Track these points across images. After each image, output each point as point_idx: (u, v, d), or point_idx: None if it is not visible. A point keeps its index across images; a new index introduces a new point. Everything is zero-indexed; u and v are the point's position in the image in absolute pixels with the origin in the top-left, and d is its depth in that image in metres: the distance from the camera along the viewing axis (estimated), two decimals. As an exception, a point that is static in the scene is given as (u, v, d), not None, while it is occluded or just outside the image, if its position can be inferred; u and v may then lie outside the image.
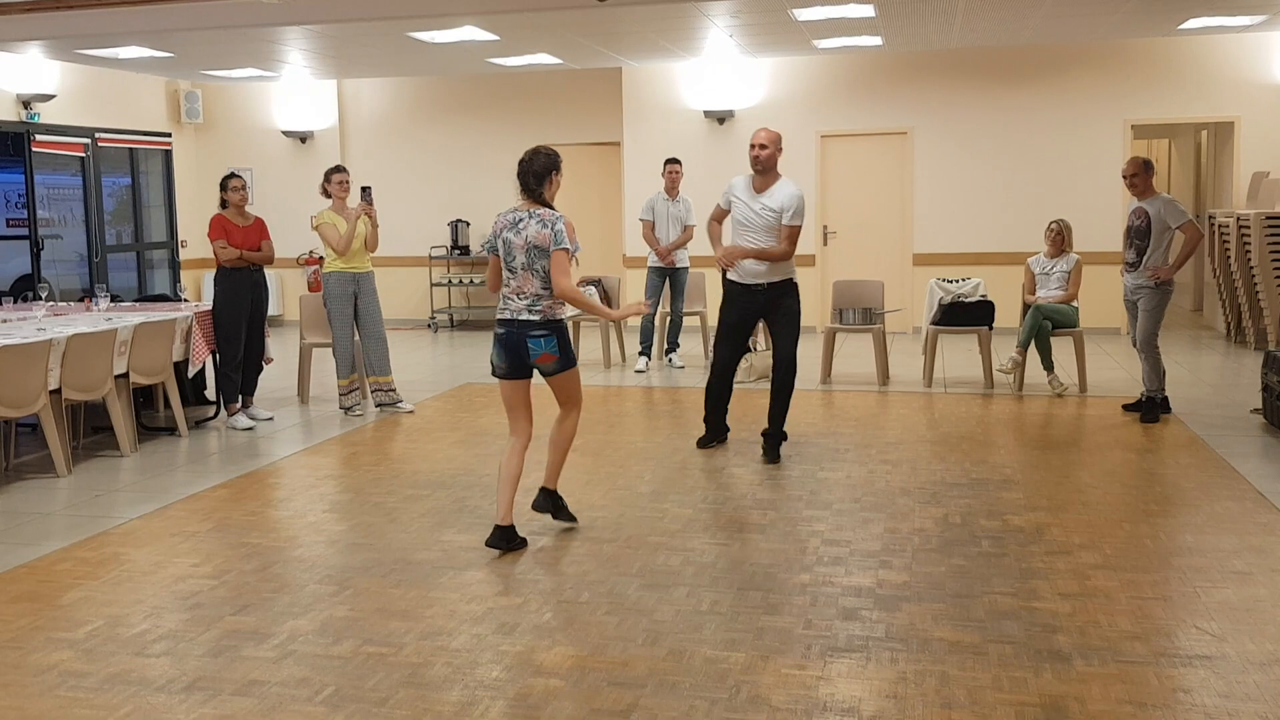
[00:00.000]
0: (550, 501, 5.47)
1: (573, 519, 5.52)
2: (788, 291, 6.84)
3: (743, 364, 9.66)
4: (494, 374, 5.24)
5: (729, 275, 6.91)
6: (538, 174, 5.10)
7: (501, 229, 5.12)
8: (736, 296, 6.90)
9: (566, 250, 5.01)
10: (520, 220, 5.09)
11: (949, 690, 3.59)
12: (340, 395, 8.53)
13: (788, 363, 6.89)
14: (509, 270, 5.11)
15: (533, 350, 5.08)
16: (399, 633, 4.16)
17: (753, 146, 6.75)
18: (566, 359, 5.16)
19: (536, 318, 5.06)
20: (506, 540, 5.13)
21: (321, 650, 4.00)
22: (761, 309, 6.90)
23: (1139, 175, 7.80)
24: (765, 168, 6.76)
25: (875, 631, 4.09)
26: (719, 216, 7.14)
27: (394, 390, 8.61)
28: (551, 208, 5.12)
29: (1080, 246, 9.65)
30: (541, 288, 5.05)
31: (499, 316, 5.15)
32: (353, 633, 4.17)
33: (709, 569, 4.82)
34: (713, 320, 11.08)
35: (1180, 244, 7.77)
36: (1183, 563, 4.82)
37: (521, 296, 5.08)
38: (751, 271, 6.78)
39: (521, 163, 5.12)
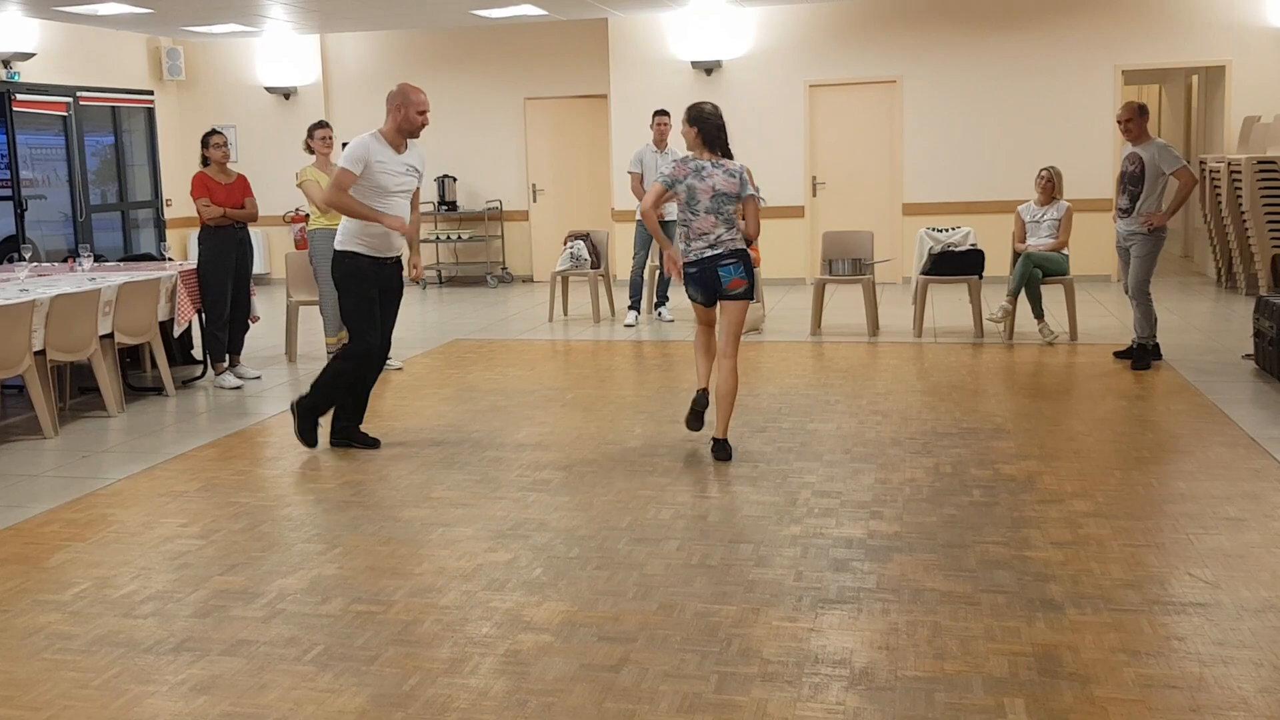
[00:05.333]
0: (724, 450, 5.84)
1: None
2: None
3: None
4: (697, 303, 5.88)
5: (373, 253, 6.04)
6: (721, 126, 5.77)
7: (685, 175, 5.70)
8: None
9: (754, 197, 5.76)
10: (704, 169, 5.68)
11: (941, 641, 3.58)
12: (329, 353, 8.47)
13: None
14: (691, 212, 5.69)
15: (724, 278, 5.67)
16: (388, 590, 4.13)
17: (424, 112, 6.00)
18: (752, 286, 5.79)
19: (722, 250, 5.67)
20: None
21: (310, 609, 3.98)
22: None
23: (1134, 120, 7.73)
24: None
25: (866, 583, 4.08)
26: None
27: None
28: (731, 156, 5.79)
29: (1071, 194, 9.60)
30: (725, 228, 5.67)
31: (686, 259, 5.75)
32: (341, 591, 4.14)
33: (699, 522, 4.80)
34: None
35: (1175, 190, 7.72)
36: (1175, 509, 4.81)
37: (703, 237, 5.68)
38: (395, 245, 6.12)
39: (701, 119, 5.75)
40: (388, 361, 8.47)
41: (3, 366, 6.38)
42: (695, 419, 5.94)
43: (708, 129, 5.73)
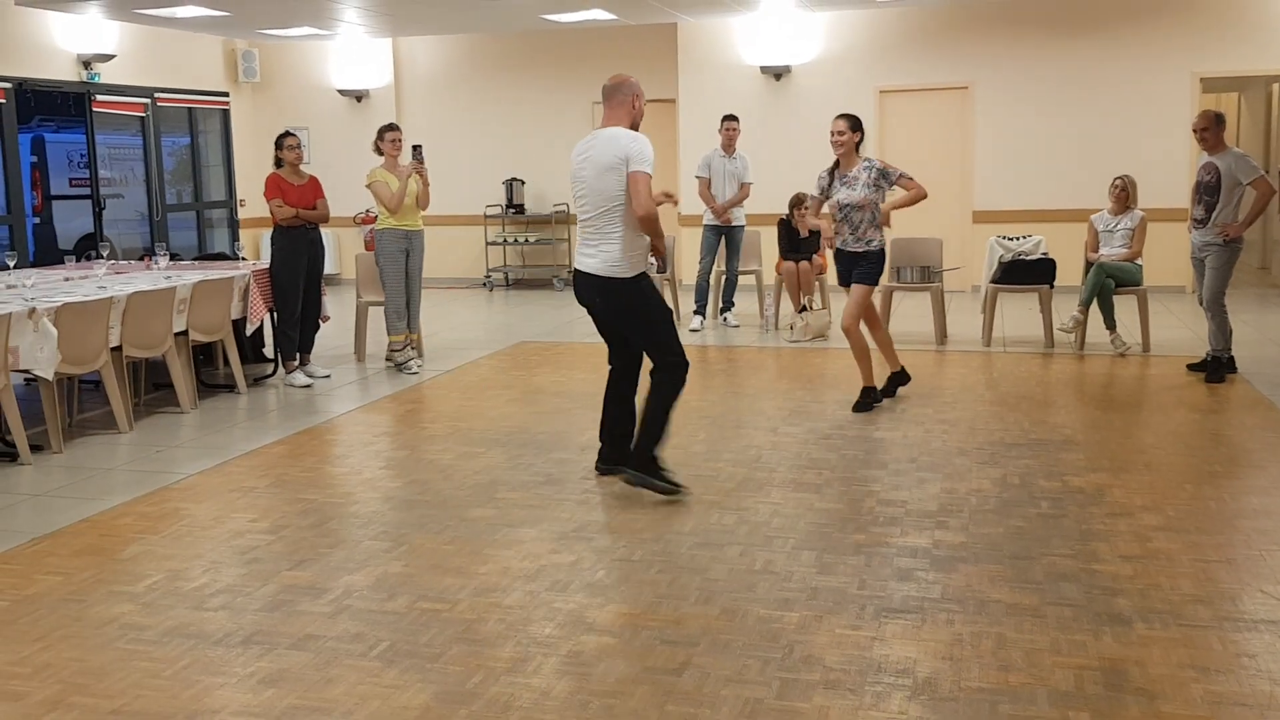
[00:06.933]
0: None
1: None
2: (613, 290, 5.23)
3: (796, 322, 9.60)
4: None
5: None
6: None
7: None
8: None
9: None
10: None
11: (1006, 653, 3.54)
12: (393, 351, 8.57)
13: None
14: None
15: None
16: (453, 589, 4.18)
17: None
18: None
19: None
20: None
21: (376, 605, 4.03)
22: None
23: (1210, 129, 7.59)
24: None
25: (931, 592, 4.05)
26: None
27: (413, 348, 8.65)
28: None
29: (1145, 203, 9.43)
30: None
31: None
32: (407, 588, 4.19)
33: (762, 528, 4.80)
34: (768, 278, 11.02)
35: (1250, 200, 7.57)
36: (1248, 525, 4.72)
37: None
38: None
39: (862, 126, 7.05)
40: (418, 362, 8.58)
41: (81, 362, 6.53)
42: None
43: (863, 135, 6.99)
